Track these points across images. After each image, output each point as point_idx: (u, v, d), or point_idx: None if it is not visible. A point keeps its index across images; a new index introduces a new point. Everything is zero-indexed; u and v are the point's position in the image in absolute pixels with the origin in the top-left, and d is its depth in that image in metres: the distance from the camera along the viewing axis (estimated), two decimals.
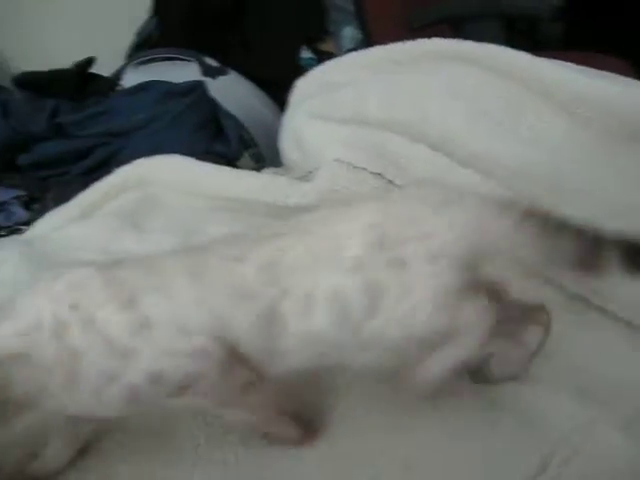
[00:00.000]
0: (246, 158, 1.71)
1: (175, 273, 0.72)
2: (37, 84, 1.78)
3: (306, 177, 1.30)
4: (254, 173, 1.32)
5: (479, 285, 0.74)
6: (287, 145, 1.46)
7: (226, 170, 1.35)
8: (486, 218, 0.72)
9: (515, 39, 1.83)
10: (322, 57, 2.39)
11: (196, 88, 1.69)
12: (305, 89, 1.52)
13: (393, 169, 1.23)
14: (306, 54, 2.44)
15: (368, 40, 2.14)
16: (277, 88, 2.22)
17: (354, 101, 1.36)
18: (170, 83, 1.72)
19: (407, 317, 0.70)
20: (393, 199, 0.78)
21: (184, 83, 1.72)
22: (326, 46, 2.49)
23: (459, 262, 0.71)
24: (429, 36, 1.48)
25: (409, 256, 0.70)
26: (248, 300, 0.70)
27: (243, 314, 0.70)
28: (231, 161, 1.57)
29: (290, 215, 1.24)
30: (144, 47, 2.36)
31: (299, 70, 2.31)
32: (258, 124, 1.91)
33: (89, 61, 1.87)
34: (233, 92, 1.98)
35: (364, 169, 1.22)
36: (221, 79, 2.03)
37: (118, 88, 1.86)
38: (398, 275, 0.70)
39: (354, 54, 1.57)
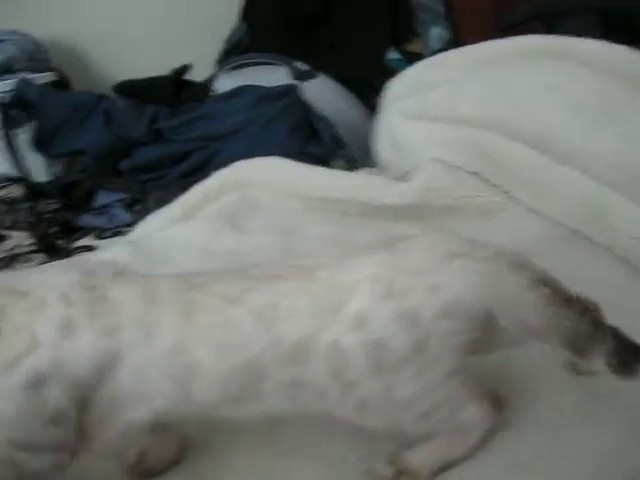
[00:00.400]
0: (338, 159, 1.73)
1: (167, 306, 0.69)
2: (136, 91, 1.85)
3: (404, 177, 1.31)
4: (349, 173, 1.34)
5: (484, 389, 0.73)
6: (382, 145, 1.48)
7: (321, 170, 1.38)
8: (500, 272, 0.69)
9: (610, 34, 1.80)
10: (409, 58, 2.39)
11: (290, 91, 1.72)
12: (398, 89, 1.54)
13: (490, 168, 1.23)
14: (393, 55, 2.45)
15: (457, 40, 2.14)
16: (364, 89, 2.25)
17: (448, 100, 1.37)
18: (264, 87, 1.76)
19: (411, 386, 0.68)
20: (401, 249, 0.72)
21: (277, 87, 1.76)
22: (413, 47, 2.48)
23: (472, 317, 0.68)
24: (519, 34, 1.48)
25: (419, 309, 0.66)
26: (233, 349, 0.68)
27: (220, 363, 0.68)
28: (324, 162, 1.59)
29: (387, 215, 1.27)
30: (233, 53, 2.42)
31: (387, 71, 2.34)
32: (347, 126, 1.92)
33: (185, 68, 1.93)
34: (322, 94, 2.00)
35: (460, 168, 1.23)
36: (311, 82, 2.06)
37: (212, 94, 1.91)
38: (408, 332, 0.66)
39: (446, 54, 1.58)
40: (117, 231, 1.58)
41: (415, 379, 0.68)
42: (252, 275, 0.72)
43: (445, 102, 1.37)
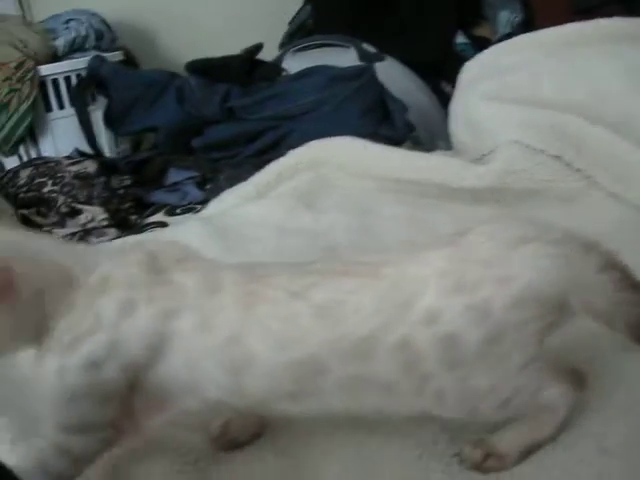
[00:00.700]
0: (407, 142, 1.72)
1: (227, 295, 0.69)
2: (208, 70, 1.86)
3: (480, 160, 1.30)
4: (425, 154, 1.33)
5: (563, 368, 0.72)
6: (458, 128, 1.46)
7: (396, 151, 1.37)
8: (570, 254, 0.68)
9: None
10: (477, 42, 2.36)
11: (364, 72, 1.71)
12: (475, 72, 1.52)
13: (572, 151, 1.21)
14: (461, 39, 2.42)
15: (531, 23, 2.10)
16: (431, 74, 2.24)
17: (529, 83, 1.35)
18: (337, 67, 1.75)
19: (487, 377, 0.67)
20: (468, 241, 0.70)
21: (352, 67, 1.76)
22: (481, 31, 2.45)
23: (544, 303, 0.67)
24: (595, 18, 1.45)
25: (490, 302, 0.65)
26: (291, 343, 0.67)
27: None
28: (396, 144, 1.58)
29: (463, 198, 1.26)
30: (297, 35, 2.41)
31: (454, 56, 2.32)
32: (414, 109, 1.91)
33: (257, 47, 1.94)
34: (390, 77, 1.98)
35: (542, 151, 1.21)
36: (378, 65, 2.05)
37: (284, 73, 1.91)
38: (479, 325, 0.65)
39: (523, 37, 1.56)
40: (188, 208, 1.60)
41: (490, 370, 0.67)
42: (316, 270, 0.71)
43: (524, 85, 1.35)
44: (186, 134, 1.77)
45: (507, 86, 1.37)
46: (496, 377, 0.68)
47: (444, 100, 2.21)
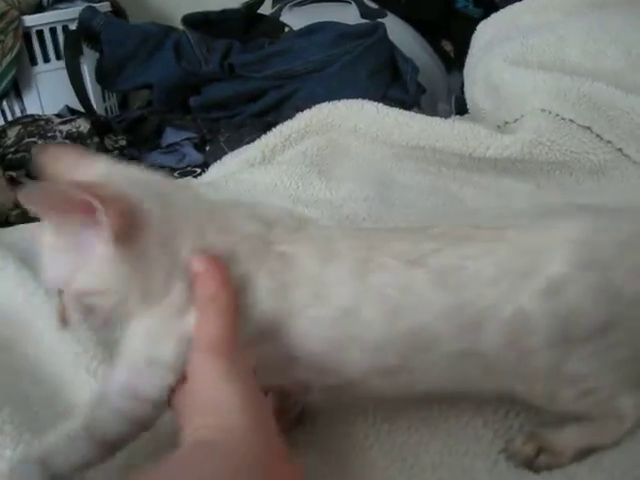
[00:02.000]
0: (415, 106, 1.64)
1: (341, 265, 0.63)
2: (206, 24, 1.76)
3: (503, 128, 1.23)
4: (447, 121, 1.24)
5: None
6: (476, 93, 1.38)
7: (416, 117, 1.28)
8: None
9: None
10: (478, 2, 2.28)
11: (375, 30, 1.62)
12: (492, 32, 1.45)
13: (603, 122, 1.15)
14: None
15: None
16: (432, 31, 2.15)
17: (554, 47, 1.27)
18: (345, 24, 1.66)
19: (585, 364, 0.62)
20: (611, 216, 0.66)
21: (361, 25, 1.67)
22: None
23: None
24: None
25: (622, 287, 0.60)
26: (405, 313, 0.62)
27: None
28: (409, 108, 1.51)
29: (487, 168, 1.20)
30: None
31: (455, 13, 2.23)
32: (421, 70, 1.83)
33: (259, 1, 1.84)
34: (393, 34, 1.90)
35: (572, 121, 1.15)
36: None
37: (287, 29, 1.82)
38: (603, 308, 0.60)
39: None
40: (188, 171, 1.51)
41: (592, 358, 0.61)
42: (434, 235, 0.65)
43: (550, 49, 1.27)
44: (183, 92, 1.67)
45: (532, 49, 1.29)
46: (593, 367, 0.62)
47: (445, 60, 2.16)
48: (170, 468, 0.51)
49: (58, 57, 1.88)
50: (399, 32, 2.02)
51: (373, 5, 2.04)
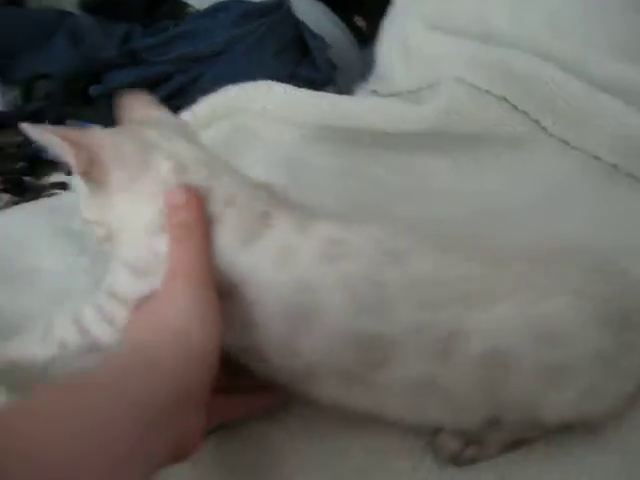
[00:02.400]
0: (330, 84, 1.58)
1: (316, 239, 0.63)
2: (103, 7, 1.66)
3: (416, 93, 1.17)
4: (359, 98, 1.19)
5: None
6: (389, 55, 1.31)
7: (325, 96, 1.22)
8: None
9: None
10: None
11: (279, 6, 1.55)
12: None
13: (519, 92, 1.10)
14: None
15: None
16: (344, 6, 2.08)
17: (477, 11, 1.21)
18: (250, 2, 1.58)
19: None
20: None
21: (264, 2, 1.59)
22: None
23: None
24: None
25: None
26: None
27: None
28: (321, 87, 1.44)
29: (402, 146, 1.14)
30: None
31: None
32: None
33: None
34: (302, 11, 1.83)
35: (488, 92, 1.10)
36: None
37: (190, 9, 1.73)
38: None
39: None
40: None
41: None
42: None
43: (473, 12, 1.20)
44: (83, 81, 1.57)
45: (451, 13, 1.23)
46: None
47: (358, 35, 2.09)
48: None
49: None
50: (308, 8, 1.94)
51: None
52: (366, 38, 2.12)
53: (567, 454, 0.64)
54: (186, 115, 1.26)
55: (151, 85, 1.54)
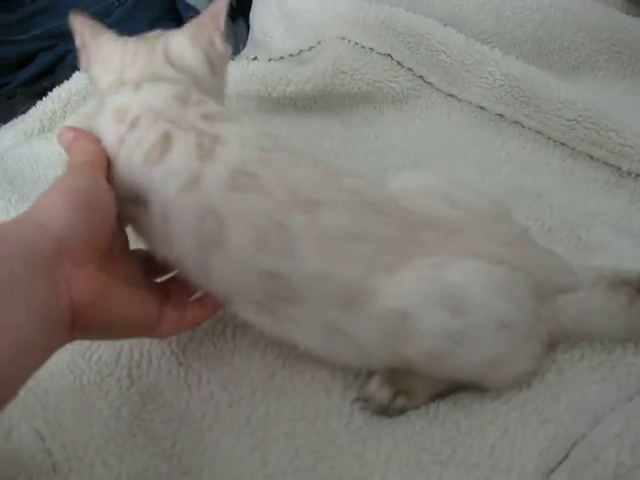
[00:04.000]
0: None
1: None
2: None
3: (298, 56, 1.15)
4: (240, 63, 1.15)
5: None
6: (268, 20, 1.29)
7: None
8: None
9: None
10: None
11: None
12: None
13: (403, 49, 1.11)
14: None
15: None
16: None
17: None
18: None
19: None
20: None
21: None
22: None
23: None
24: None
25: None
26: None
27: None
28: None
29: (288, 109, 1.13)
30: None
31: None
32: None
33: None
34: None
35: (372, 49, 1.10)
36: None
37: None
38: None
39: None
40: None
41: None
42: None
43: None
44: None
45: None
46: None
47: (229, 13, 2.05)
48: None
49: None
50: None
51: None
52: (235, 11, 2.09)
53: (496, 397, 0.65)
54: (58, 93, 1.19)
55: (14, 66, 1.45)
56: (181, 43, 0.75)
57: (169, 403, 0.67)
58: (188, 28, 0.77)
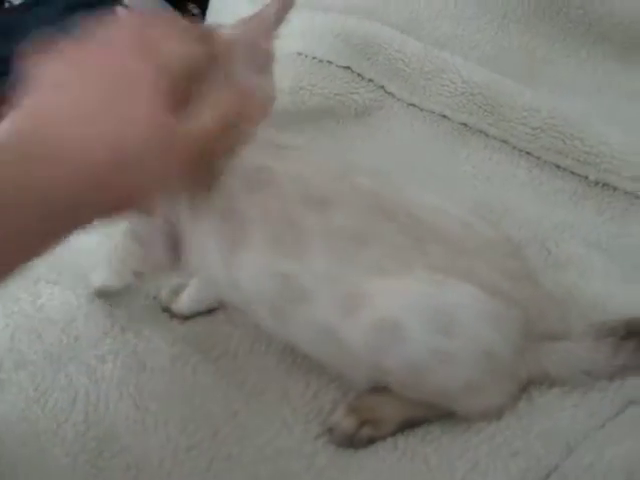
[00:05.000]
0: None
1: None
2: None
3: None
4: None
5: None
6: None
7: None
8: None
9: None
10: None
11: None
12: None
13: (361, 60, 1.09)
14: None
15: None
16: None
17: None
18: None
19: None
20: None
21: None
22: None
23: None
24: None
25: None
26: None
27: None
28: None
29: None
30: None
31: None
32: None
33: None
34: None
35: (330, 62, 1.08)
36: None
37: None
38: None
39: None
40: None
41: None
42: None
43: None
44: None
45: None
46: None
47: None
48: None
49: None
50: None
51: None
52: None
53: (467, 429, 0.63)
54: None
55: None
56: None
57: (126, 449, 0.65)
58: None
